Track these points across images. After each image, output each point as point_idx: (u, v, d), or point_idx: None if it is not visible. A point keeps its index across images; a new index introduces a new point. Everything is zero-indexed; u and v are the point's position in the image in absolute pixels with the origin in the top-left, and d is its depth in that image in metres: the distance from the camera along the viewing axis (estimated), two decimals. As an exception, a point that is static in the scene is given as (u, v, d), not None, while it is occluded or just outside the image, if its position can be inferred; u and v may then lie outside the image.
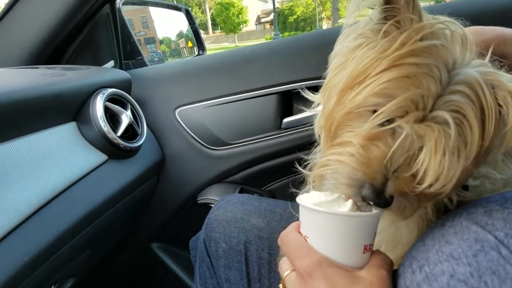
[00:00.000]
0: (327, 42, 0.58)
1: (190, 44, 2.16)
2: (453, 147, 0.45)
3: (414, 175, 0.48)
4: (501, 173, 0.59)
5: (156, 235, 1.47)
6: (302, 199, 0.55)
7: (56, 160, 0.88)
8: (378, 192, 0.48)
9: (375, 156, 0.48)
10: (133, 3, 1.75)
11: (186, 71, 1.39)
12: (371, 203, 0.50)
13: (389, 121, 0.48)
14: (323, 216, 0.51)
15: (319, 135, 0.63)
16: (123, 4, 1.53)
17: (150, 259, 1.47)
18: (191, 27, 1.93)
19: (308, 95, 0.68)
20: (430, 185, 0.47)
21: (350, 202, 0.51)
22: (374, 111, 0.48)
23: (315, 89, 0.66)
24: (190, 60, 1.53)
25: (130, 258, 1.47)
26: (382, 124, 0.49)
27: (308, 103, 0.69)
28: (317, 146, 0.67)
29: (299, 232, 0.56)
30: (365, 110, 0.50)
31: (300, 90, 0.74)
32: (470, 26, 0.57)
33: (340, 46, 0.57)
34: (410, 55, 0.47)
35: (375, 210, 0.51)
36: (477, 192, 0.58)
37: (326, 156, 0.55)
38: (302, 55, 1.26)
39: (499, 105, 0.47)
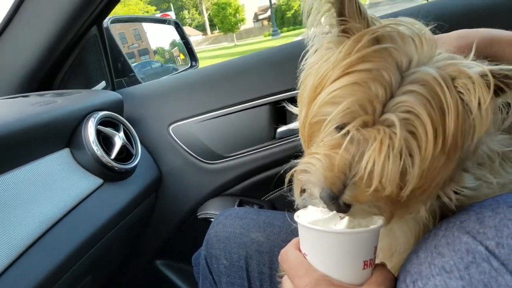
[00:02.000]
0: None
1: (182, 57, 2.16)
2: (399, 149, 0.45)
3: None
4: (497, 177, 0.59)
5: (159, 252, 1.46)
6: (300, 216, 0.55)
7: (51, 188, 0.88)
8: (332, 197, 0.48)
9: (336, 163, 0.48)
10: (121, 21, 1.75)
11: (178, 87, 1.40)
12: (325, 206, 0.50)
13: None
14: (319, 234, 0.51)
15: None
16: (111, 23, 1.53)
17: (155, 277, 1.47)
18: (182, 40, 1.93)
19: (291, 108, 0.69)
20: (382, 189, 0.47)
21: (346, 219, 0.51)
22: None
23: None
24: (181, 75, 1.53)
25: (135, 277, 1.47)
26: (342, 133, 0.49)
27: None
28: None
29: (299, 249, 0.56)
30: (323, 119, 0.50)
31: (284, 104, 0.74)
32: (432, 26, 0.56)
33: (307, 59, 0.59)
34: (360, 62, 0.47)
35: (372, 226, 0.51)
36: (476, 194, 0.58)
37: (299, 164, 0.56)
38: (292, 64, 1.25)
39: (461, 93, 0.46)
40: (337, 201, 0.48)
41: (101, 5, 1.13)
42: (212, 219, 1.00)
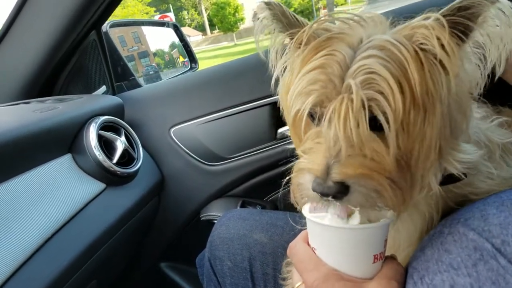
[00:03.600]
0: None
1: (182, 59, 2.17)
2: (359, 106, 0.45)
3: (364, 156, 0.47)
4: (498, 169, 0.59)
5: (164, 255, 1.47)
6: (307, 210, 0.54)
7: (54, 194, 0.88)
8: (323, 181, 0.47)
9: (317, 153, 0.49)
10: (120, 25, 1.76)
11: (178, 89, 1.40)
12: (319, 195, 0.48)
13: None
14: (329, 230, 0.51)
15: None
16: (110, 27, 1.53)
17: (160, 279, 1.47)
18: (181, 42, 1.93)
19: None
20: (366, 157, 0.47)
21: (358, 215, 0.51)
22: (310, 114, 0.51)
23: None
24: (181, 78, 1.53)
25: (140, 280, 1.48)
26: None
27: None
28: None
29: (308, 242, 0.56)
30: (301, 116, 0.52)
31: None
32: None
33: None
34: (312, 55, 0.50)
35: (382, 221, 0.51)
36: (473, 181, 0.58)
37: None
38: None
39: (422, 43, 0.47)
40: (326, 183, 0.47)
41: (100, 10, 1.13)
42: (215, 221, 1.01)
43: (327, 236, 0.52)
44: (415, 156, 0.48)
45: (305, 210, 0.55)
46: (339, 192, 0.47)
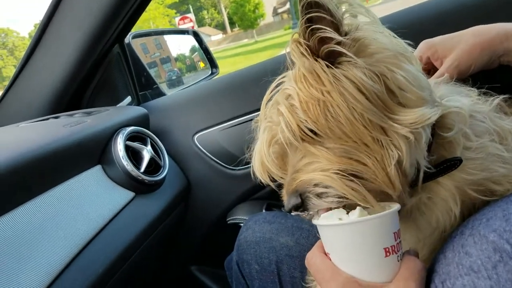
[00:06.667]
0: None
1: (202, 65, 2.19)
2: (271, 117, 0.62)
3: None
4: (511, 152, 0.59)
5: (193, 259, 1.50)
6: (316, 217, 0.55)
7: (86, 205, 0.92)
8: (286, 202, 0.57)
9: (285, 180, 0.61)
10: (141, 36, 1.79)
11: (200, 96, 1.42)
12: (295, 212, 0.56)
13: None
14: (332, 229, 0.52)
15: None
16: (132, 38, 1.57)
17: (191, 282, 1.50)
18: (201, 48, 1.96)
19: None
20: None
21: (358, 210, 0.51)
22: None
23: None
24: (202, 85, 1.55)
25: (171, 283, 1.51)
26: None
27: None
28: None
29: (324, 251, 0.56)
30: None
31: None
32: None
33: None
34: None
35: (385, 211, 0.51)
36: (490, 168, 0.58)
37: None
38: None
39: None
40: (287, 203, 0.56)
41: (122, 25, 1.16)
42: (242, 224, 1.02)
43: (331, 236, 0.52)
44: (350, 141, 0.52)
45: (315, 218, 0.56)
46: (295, 204, 0.55)
